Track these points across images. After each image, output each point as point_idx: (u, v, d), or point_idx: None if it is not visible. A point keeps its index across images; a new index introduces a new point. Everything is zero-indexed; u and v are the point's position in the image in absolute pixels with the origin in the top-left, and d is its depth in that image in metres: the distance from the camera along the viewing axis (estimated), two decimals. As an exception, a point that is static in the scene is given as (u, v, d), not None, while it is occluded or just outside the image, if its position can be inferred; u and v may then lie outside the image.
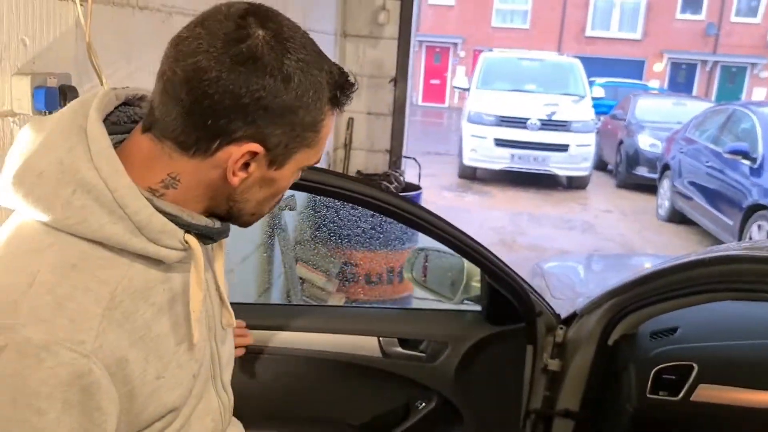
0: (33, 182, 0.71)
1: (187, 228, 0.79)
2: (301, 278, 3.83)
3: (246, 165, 0.77)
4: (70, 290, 0.69)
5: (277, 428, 1.68)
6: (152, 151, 0.77)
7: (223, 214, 0.84)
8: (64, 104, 1.51)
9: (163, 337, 0.78)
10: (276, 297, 3.68)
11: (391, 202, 1.66)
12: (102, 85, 1.66)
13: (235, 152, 0.75)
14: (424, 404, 1.88)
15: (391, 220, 1.70)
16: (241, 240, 3.06)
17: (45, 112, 1.46)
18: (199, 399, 0.87)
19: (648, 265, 3.33)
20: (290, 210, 3.76)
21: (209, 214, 0.83)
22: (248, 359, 1.65)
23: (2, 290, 0.68)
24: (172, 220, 0.77)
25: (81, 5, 1.60)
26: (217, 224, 0.84)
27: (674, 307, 1.77)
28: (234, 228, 0.93)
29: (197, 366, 0.84)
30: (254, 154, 0.76)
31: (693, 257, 1.76)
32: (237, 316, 0.99)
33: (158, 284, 0.78)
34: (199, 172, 0.77)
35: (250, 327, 1.41)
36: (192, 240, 0.79)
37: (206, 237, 0.83)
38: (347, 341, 1.82)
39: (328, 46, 4.37)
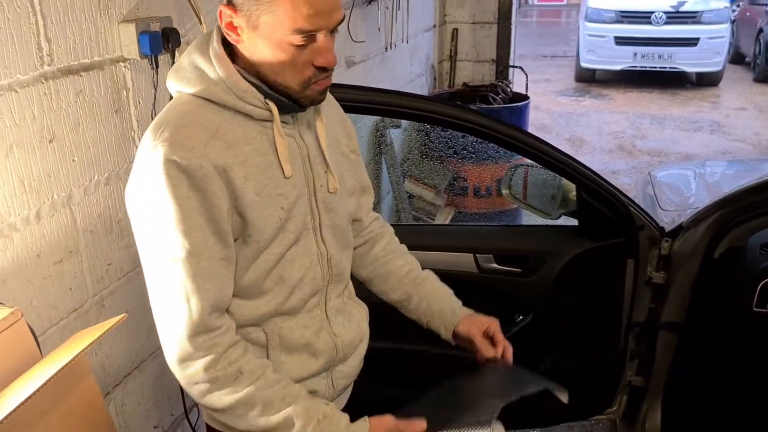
0: (176, 72, 1.11)
1: (266, 95, 1.07)
2: (409, 194, 3.89)
3: (233, 27, 1.03)
4: (187, 122, 1.04)
5: (384, 341, 1.80)
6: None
7: (270, 83, 1.08)
8: (168, 46, 1.62)
9: (259, 168, 1.07)
10: (385, 214, 3.78)
11: (470, 119, 1.65)
12: (201, 23, 1.75)
13: (222, 13, 1.03)
14: (522, 317, 1.92)
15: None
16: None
17: (150, 56, 1.57)
18: (297, 239, 1.14)
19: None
20: (396, 128, 3.79)
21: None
22: None
23: (157, 124, 1.05)
24: (254, 86, 1.07)
25: (176, -53, 1.67)
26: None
27: (786, 218, 1.68)
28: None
29: (286, 202, 1.10)
30: (231, 13, 1.02)
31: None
32: None
33: (256, 134, 1.08)
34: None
35: None
36: (270, 103, 1.08)
37: (285, 106, 1.09)
38: (444, 258, 1.88)
39: (428, -45, 4.24)
